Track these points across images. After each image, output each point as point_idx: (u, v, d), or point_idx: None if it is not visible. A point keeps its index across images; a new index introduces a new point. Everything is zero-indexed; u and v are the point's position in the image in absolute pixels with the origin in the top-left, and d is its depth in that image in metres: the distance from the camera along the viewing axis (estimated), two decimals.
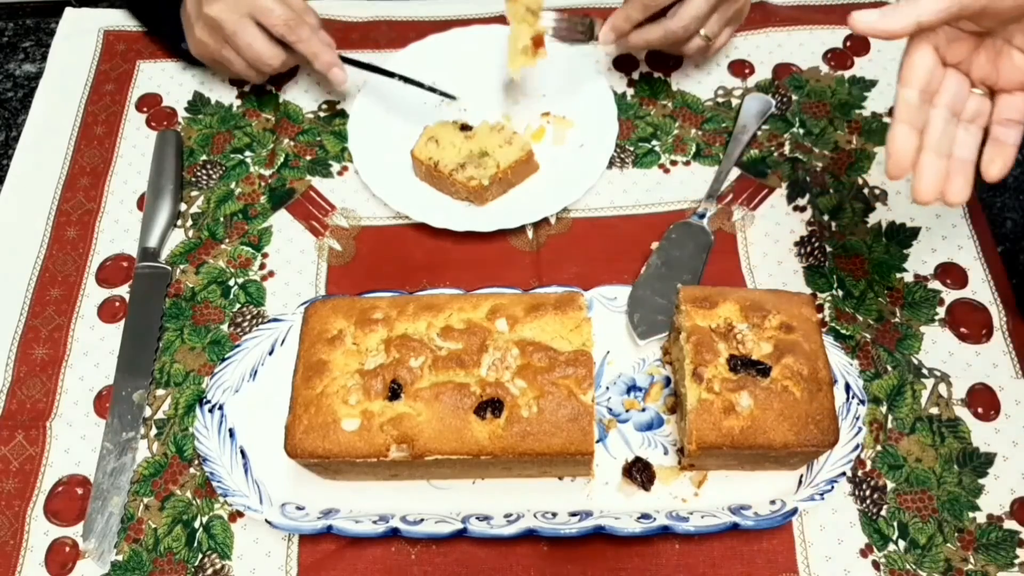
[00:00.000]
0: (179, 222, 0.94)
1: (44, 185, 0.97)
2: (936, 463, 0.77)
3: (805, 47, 1.05)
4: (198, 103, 1.04)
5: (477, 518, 0.73)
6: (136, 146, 1.00)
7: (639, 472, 0.75)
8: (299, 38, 0.91)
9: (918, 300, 0.86)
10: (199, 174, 0.98)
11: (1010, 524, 0.75)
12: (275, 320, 0.82)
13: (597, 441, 0.76)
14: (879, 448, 0.78)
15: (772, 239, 0.91)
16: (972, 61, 0.66)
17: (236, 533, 0.76)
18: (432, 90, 0.98)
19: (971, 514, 0.75)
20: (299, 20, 0.91)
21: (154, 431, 0.81)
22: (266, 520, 0.71)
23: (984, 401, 0.80)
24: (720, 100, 1.02)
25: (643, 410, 0.80)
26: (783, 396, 0.69)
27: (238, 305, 0.88)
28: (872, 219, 0.91)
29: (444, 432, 0.68)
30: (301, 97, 1.03)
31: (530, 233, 0.92)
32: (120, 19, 1.11)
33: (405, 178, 0.96)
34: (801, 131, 0.98)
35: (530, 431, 0.68)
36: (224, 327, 0.87)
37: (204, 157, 0.99)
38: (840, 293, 0.87)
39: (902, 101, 0.65)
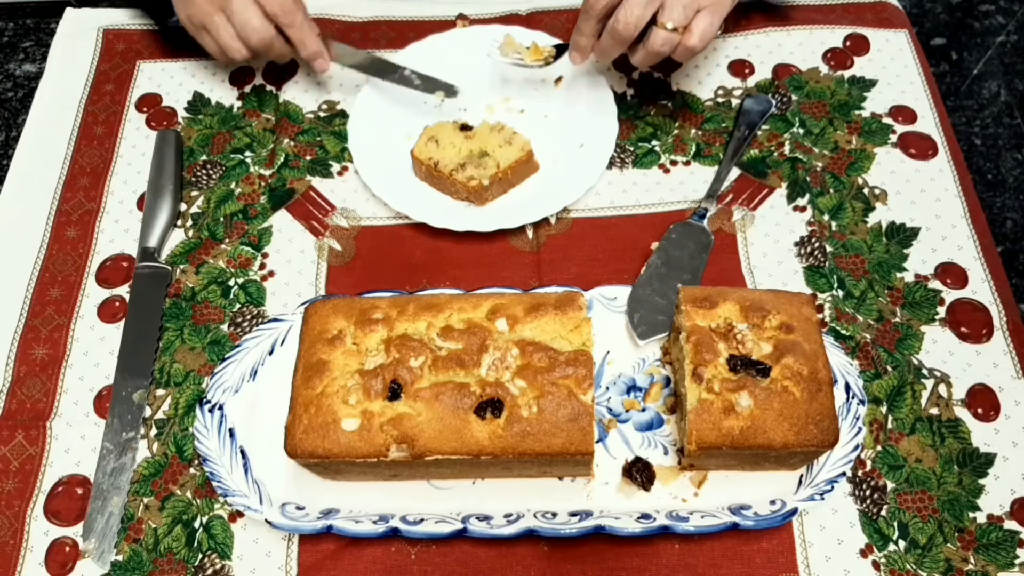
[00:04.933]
0: (179, 222, 0.94)
1: (44, 185, 0.97)
2: (936, 463, 0.77)
3: (805, 47, 1.05)
4: (198, 103, 1.04)
5: (477, 518, 0.73)
6: (136, 146, 1.00)
7: (639, 472, 0.75)
8: (292, 22, 0.93)
9: (918, 300, 0.86)
10: (199, 174, 0.98)
11: (1010, 524, 0.75)
12: (275, 320, 0.82)
13: (597, 441, 0.76)
14: (879, 448, 0.78)
15: (772, 239, 0.91)
16: None
17: (236, 533, 0.76)
18: (429, 79, 0.98)
19: (971, 514, 0.75)
20: (295, 6, 0.93)
21: (154, 431, 0.81)
22: (266, 520, 0.71)
23: (984, 401, 0.80)
24: (720, 100, 1.01)
25: (643, 410, 0.80)
26: (783, 396, 0.69)
27: (238, 305, 0.88)
28: (872, 219, 0.91)
29: (444, 432, 0.68)
30: (301, 97, 1.03)
31: (530, 233, 0.92)
32: (120, 19, 1.11)
33: (405, 178, 0.96)
34: (801, 131, 0.98)
35: (530, 431, 0.68)
36: (224, 327, 0.87)
37: (204, 157, 0.99)
38: (840, 293, 0.87)
39: None
